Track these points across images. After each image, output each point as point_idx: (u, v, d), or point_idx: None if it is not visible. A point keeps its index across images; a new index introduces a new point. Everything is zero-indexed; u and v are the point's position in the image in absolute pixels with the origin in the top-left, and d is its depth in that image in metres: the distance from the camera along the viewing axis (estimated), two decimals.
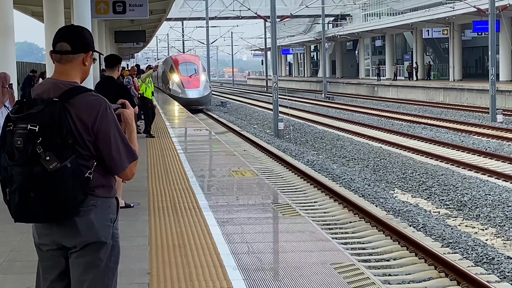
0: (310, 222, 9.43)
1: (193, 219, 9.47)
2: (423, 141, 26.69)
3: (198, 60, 51.56)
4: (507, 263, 10.66)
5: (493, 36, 35.02)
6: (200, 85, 47.62)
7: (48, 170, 3.60)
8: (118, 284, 4.01)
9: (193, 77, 47.97)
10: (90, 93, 3.79)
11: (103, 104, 3.77)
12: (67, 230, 3.75)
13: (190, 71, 48.75)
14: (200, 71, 49.03)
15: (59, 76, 3.85)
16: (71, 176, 3.63)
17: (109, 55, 11.58)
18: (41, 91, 3.80)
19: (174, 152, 17.17)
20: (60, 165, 3.61)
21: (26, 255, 7.30)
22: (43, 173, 3.60)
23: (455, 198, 15.97)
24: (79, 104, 3.72)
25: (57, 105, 3.66)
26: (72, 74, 3.85)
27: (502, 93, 41.65)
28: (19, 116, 3.67)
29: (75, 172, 3.65)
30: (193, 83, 47.46)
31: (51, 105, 3.66)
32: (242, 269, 7.11)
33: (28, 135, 3.61)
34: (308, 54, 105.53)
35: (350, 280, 6.74)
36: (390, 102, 53.41)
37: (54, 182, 3.61)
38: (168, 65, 51.79)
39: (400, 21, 64.15)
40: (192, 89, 47.07)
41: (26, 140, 3.61)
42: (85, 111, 3.72)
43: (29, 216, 3.70)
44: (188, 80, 47.60)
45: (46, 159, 3.60)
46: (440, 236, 12.46)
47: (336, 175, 19.43)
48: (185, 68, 48.99)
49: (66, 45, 3.83)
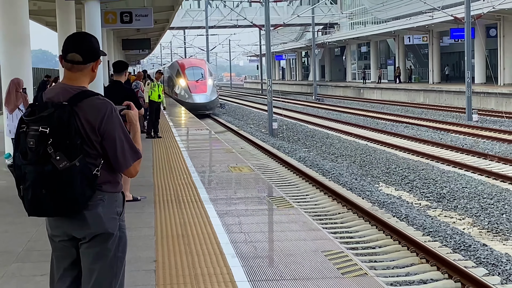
0: (302, 213, 9.42)
1: (195, 211, 9.46)
2: (405, 138, 26.70)
3: (205, 65, 47.18)
4: (482, 250, 10.66)
5: (468, 42, 35.05)
6: (207, 89, 43.51)
7: (58, 169, 3.58)
8: (126, 271, 3.99)
9: (200, 82, 43.86)
10: (97, 97, 3.77)
11: (108, 107, 3.76)
12: (77, 222, 3.74)
13: (197, 76, 44.55)
14: (207, 76, 44.76)
15: (68, 81, 3.83)
16: (80, 174, 3.62)
17: (117, 61, 11.55)
18: (51, 95, 3.78)
19: (177, 150, 17.15)
20: (70, 164, 3.59)
21: (43, 245, 7.27)
22: (53, 172, 3.58)
23: (435, 191, 15.97)
24: (86, 107, 3.70)
25: (66, 108, 3.65)
26: (81, 80, 3.84)
27: (477, 94, 41.68)
28: (32, 119, 3.66)
29: (83, 170, 3.64)
30: (200, 87, 43.41)
31: (60, 109, 3.64)
32: (241, 256, 7.09)
33: (39, 136, 3.60)
34: (300, 59, 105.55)
35: (339, 266, 6.72)
36: (375, 103, 53.41)
37: (64, 179, 3.59)
38: (175, 70, 47.63)
39: (384, 29, 64.22)
40: (199, 93, 42.98)
41: (38, 141, 3.60)
42: (92, 114, 3.70)
43: (40, 210, 3.69)
44: (195, 85, 43.52)
45: (57, 158, 3.58)
46: (421, 225, 12.46)
47: (325, 170, 19.43)
48: (192, 72, 44.84)
49: (78, 56, 3.80)
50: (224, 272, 6.54)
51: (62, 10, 20.85)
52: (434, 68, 59.62)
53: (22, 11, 13.70)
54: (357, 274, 6.46)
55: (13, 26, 13.65)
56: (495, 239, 11.87)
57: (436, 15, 48.87)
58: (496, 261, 10.06)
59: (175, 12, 36.67)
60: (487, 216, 13.32)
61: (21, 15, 13.69)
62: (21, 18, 13.70)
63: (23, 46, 13.71)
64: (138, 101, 11.01)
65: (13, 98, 11.46)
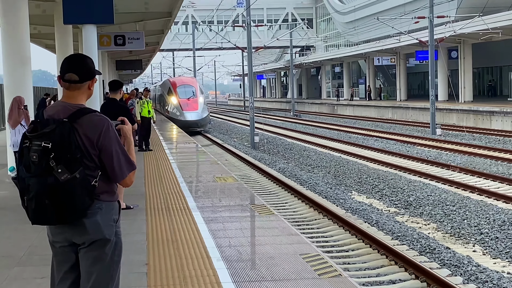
0: (282, 219, 9.42)
1: (184, 218, 9.44)
2: (376, 151, 26.79)
3: (196, 83, 44.83)
4: (446, 253, 10.70)
5: (432, 63, 35.30)
6: (198, 107, 41.13)
7: (60, 181, 3.59)
8: (120, 273, 3.98)
9: (191, 100, 41.51)
10: (94, 113, 3.78)
11: (105, 123, 3.76)
12: (77, 229, 3.74)
13: (189, 94, 42.19)
14: (198, 94, 42.39)
15: (67, 100, 3.83)
16: (80, 185, 3.63)
17: (113, 80, 11.54)
18: (52, 113, 3.78)
19: (167, 162, 17.11)
20: (71, 176, 3.60)
21: (43, 250, 7.23)
22: (56, 183, 3.59)
23: (403, 199, 16.03)
24: (85, 124, 3.71)
25: (67, 124, 3.66)
26: (79, 98, 3.84)
27: (440, 111, 41.92)
28: (34, 135, 3.66)
29: (83, 181, 3.64)
30: (192, 105, 41.06)
31: (61, 125, 3.65)
32: (226, 259, 7.08)
33: (42, 151, 3.60)
34: (279, 78, 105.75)
35: (316, 268, 6.73)
36: (348, 118, 53.56)
37: (65, 190, 3.60)
38: (166, 88, 45.07)
39: (355, 51, 64.49)
40: (190, 111, 40.60)
41: (40, 155, 3.60)
42: (91, 129, 3.71)
43: (44, 219, 3.68)
44: (186, 103, 41.17)
45: (58, 171, 3.59)
46: (390, 230, 12.49)
47: (303, 180, 19.44)
48: (184, 90, 42.47)
49: (75, 76, 3.81)
50: (211, 274, 6.53)
51: (60, 33, 20.80)
52: (401, 87, 59.92)
53: (24, 34, 13.67)
54: (332, 275, 6.47)
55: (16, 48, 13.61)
56: (457, 243, 11.93)
57: (403, 38, 49.19)
58: (458, 262, 10.11)
59: (164, 35, 36.65)
60: (450, 222, 13.38)
61: (23, 38, 13.66)
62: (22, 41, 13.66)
63: (24, 66, 13.67)
64: (132, 117, 11.00)
65: (16, 115, 11.41)
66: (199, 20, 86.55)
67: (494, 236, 11.99)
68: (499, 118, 35.58)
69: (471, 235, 12.25)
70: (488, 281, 9.09)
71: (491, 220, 12.97)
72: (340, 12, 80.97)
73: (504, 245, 11.38)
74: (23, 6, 13.48)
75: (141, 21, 27.39)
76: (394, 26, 46.22)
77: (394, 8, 64.04)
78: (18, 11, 13.36)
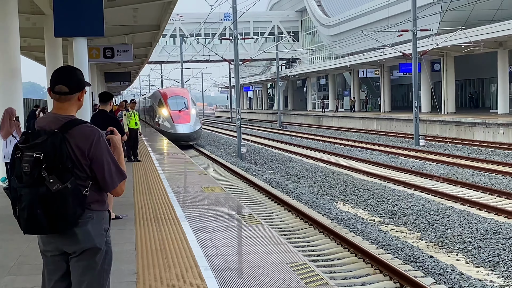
0: (269, 229, 9.43)
1: (172, 228, 9.43)
2: (360, 161, 26.85)
3: (188, 94, 41.49)
4: (430, 262, 10.74)
5: (415, 75, 35.47)
6: (190, 119, 37.89)
7: (52, 191, 3.58)
8: (110, 282, 3.98)
9: (183, 111, 38.35)
10: (85, 124, 3.78)
11: (96, 133, 3.76)
12: (68, 238, 3.73)
13: (180, 105, 38.91)
14: (190, 105, 39.13)
15: (58, 111, 3.82)
16: (71, 194, 3.62)
17: (103, 92, 11.53)
18: (43, 124, 3.77)
19: (155, 172, 17.09)
20: (62, 186, 3.60)
21: (33, 259, 7.21)
22: (47, 193, 3.58)
23: (387, 208, 16.06)
24: (76, 134, 3.71)
25: (58, 135, 3.65)
26: (69, 109, 3.83)
27: (424, 122, 42.11)
28: (26, 146, 3.65)
29: (74, 191, 3.63)
30: (183, 117, 37.88)
31: (53, 136, 3.64)
32: (214, 269, 7.08)
33: (34, 162, 3.59)
34: (265, 90, 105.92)
35: (302, 276, 6.74)
36: (333, 130, 53.68)
37: (57, 200, 3.59)
38: (156, 99, 41.57)
39: (340, 64, 64.75)
40: (182, 124, 37.45)
41: (32, 166, 3.59)
42: (82, 140, 3.71)
43: (36, 228, 3.67)
44: (178, 115, 38.02)
45: (50, 181, 3.58)
46: (375, 239, 12.52)
47: (289, 190, 19.45)
48: (175, 102, 39.17)
49: (64, 87, 3.80)
50: (199, 283, 6.52)
51: (50, 46, 20.77)
52: (385, 99, 60.18)
53: (14, 47, 13.64)
54: (318, 284, 6.48)
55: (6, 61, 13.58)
56: (441, 252, 11.97)
57: (387, 51, 49.43)
58: (442, 271, 10.14)
59: (152, 48, 36.72)
60: (433, 231, 13.42)
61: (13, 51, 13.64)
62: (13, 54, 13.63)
63: (15, 79, 13.64)
64: (122, 128, 10.99)
65: (7, 126, 11.38)
66: (186, 33, 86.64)
67: (477, 245, 12.04)
68: (481, 129, 35.79)
69: (455, 244, 12.30)
70: None
71: (474, 229, 13.03)
72: (325, 26, 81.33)
73: (487, 254, 11.43)
74: (13, 19, 13.47)
75: (130, 34, 27.44)
76: (378, 39, 46.43)
77: (378, 21, 64.44)
78: (9, 24, 13.35)
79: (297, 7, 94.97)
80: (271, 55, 75.97)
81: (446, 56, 48.49)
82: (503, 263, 10.86)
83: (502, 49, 42.07)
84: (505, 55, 42.28)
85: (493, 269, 10.64)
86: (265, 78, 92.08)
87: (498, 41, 40.82)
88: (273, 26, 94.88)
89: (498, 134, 34.10)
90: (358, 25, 67.69)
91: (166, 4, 22.12)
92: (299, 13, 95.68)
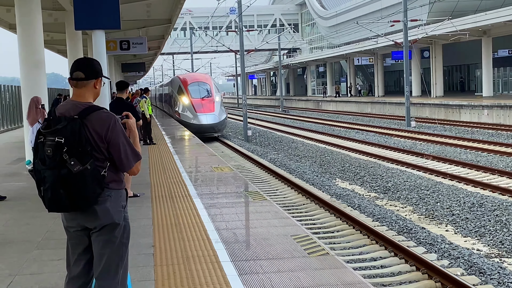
0: (273, 204, 9.42)
1: (185, 204, 9.43)
2: (357, 142, 26.81)
3: (210, 80, 34.25)
4: (421, 233, 10.73)
5: (406, 62, 35.32)
6: (214, 108, 31.17)
7: (73, 172, 3.58)
8: (130, 255, 3.97)
9: (206, 99, 31.59)
10: (102, 110, 3.77)
11: (112, 118, 3.75)
12: (89, 215, 3.73)
13: (203, 93, 32.07)
14: (213, 92, 32.20)
15: (76, 98, 3.81)
16: (91, 175, 3.61)
17: (120, 81, 11.50)
18: (63, 111, 3.76)
19: (169, 154, 17.08)
20: (82, 167, 3.58)
21: (59, 235, 7.21)
22: (69, 174, 3.57)
23: (382, 184, 16.05)
24: (94, 120, 3.69)
25: (77, 121, 3.64)
26: (86, 96, 3.82)
27: (414, 105, 41.98)
28: (48, 131, 3.64)
29: (93, 172, 3.62)
30: (207, 106, 31.20)
31: (72, 122, 3.63)
32: (224, 241, 7.07)
33: (56, 146, 3.58)
34: (269, 78, 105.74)
35: (305, 247, 6.73)
36: (331, 113, 53.60)
37: (78, 181, 3.58)
38: (176, 86, 34.56)
39: (337, 53, 64.50)
40: (206, 113, 30.78)
41: (54, 150, 3.58)
42: (99, 125, 3.69)
43: (59, 207, 3.67)
44: (200, 103, 31.34)
45: (71, 163, 3.57)
46: (371, 213, 12.52)
47: (292, 169, 19.45)
48: (197, 89, 32.33)
49: (81, 73, 3.80)
50: (211, 254, 6.52)
51: (71, 39, 20.71)
52: (379, 84, 59.95)
53: (38, 41, 13.60)
54: (320, 254, 6.48)
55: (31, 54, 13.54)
56: (431, 223, 11.96)
57: (380, 40, 49.22)
58: (433, 241, 10.14)
59: (165, 40, 36.55)
60: (424, 205, 13.41)
61: (37, 44, 13.59)
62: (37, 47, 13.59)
63: (39, 70, 13.60)
64: (137, 113, 10.98)
65: (33, 113, 11.34)
66: (196, 26, 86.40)
67: (464, 217, 12.02)
68: (467, 111, 35.65)
69: (444, 216, 12.28)
70: (460, 257, 9.11)
71: (462, 203, 13.01)
72: (323, 17, 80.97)
73: (474, 225, 11.41)
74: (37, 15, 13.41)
75: (144, 28, 27.32)
76: (372, 29, 46.21)
77: (372, 13, 64.09)
78: (33, 20, 13.30)
79: (297, 1, 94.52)
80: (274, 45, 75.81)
81: (435, 44, 48.24)
82: (489, 233, 10.84)
83: (486, 37, 41.84)
84: (489, 42, 42.06)
85: (480, 239, 10.63)
86: (268, 66, 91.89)
87: (482, 30, 40.59)
88: (275, 18, 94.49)
89: (482, 115, 33.98)
90: (353, 16, 67.39)
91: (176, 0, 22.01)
92: (299, 7, 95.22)
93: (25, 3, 13.24)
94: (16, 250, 7.03)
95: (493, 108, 33.09)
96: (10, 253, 6.89)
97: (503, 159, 19.36)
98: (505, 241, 10.21)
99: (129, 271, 4.06)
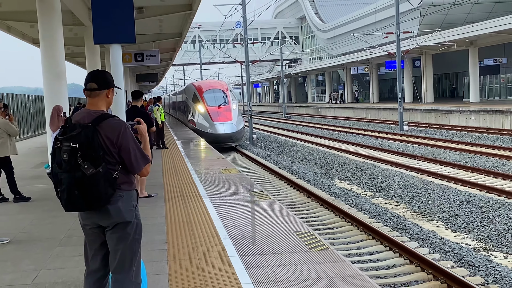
0: (277, 203, 9.41)
1: (196, 204, 9.43)
2: (354, 145, 26.78)
3: (226, 86, 30.25)
4: (414, 228, 10.71)
5: (399, 71, 35.28)
6: (232, 117, 27.69)
7: (87, 175, 3.59)
8: (145, 251, 4.00)
9: (223, 107, 28.10)
10: (113, 118, 3.79)
11: (122, 125, 3.77)
12: (102, 214, 3.74)
13: (219, 100, 28.55)
14: (230, 100, 28.76)
15: (90, 107, 3.84)
16: (103, 177, 3.63)
17: (134, 90, 11.54)
18: (78, 118, 3.79)
19: (180, 158, 17.09)
20: (95, 170, 3.60)
21: (79, 232, 7.15)
22: (83, 177, 3.59)
23: (377, 184, 16.02)
24: (106, 127, 3.71)
25: (90, 128, 3.66)
26: (99, 104, 3.84)
27: (407, 110, 41.89)
28: (64, 137, 3.67)
29: (106, 174, 3.64)
30: (224, 114, 27.71)
31: (86, 129, 3.65)
32: (232, 237, 7.07)
33: (71, 151, 3.60)
34: (272, 86, 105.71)
35: (307, 242, 6.73)
36: (330, 118, 53.53)
37: (91, 182, 3.60)
38: (191, 94, 30.94)
39: (335, 63, 64.46)
40: (222, 122, 27.26)
41: (70, 154, 3.60)
42: (110, 131, 3.71)
43: (74, 207, 3.69)
44: (217, 111, 27.87)
45: (85, 167, 3.59)
46: (367, 210, 12.50)
47: (294, 170, 19.43)
48: (213, 96, 28.78)
49: (94, 84, 3.82)
50: (220, 249, 6.52)
51: (90, 52, 20.75)
52: (374, 91, 59.88)
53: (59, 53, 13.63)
54: (320, 249, 6.47)
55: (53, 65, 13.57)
56: (423, 220, 11.94)
57: (375, 51, 49.19)
58: (425, 236, 10.11)
59: (176, 53, 36.62)
60: (417, 203, 13.39)
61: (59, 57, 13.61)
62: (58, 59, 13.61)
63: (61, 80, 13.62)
64: (150, 120, 11.00)
65: (56, 121, 11.38)
66: (204, 39, 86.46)
67: (454, 213, 12.00)
68: (456, 116, 35.58)
69: (435, 213, 12.26)
70: (450, 251, 9.09)
71: (451, 200, 12.98)
72: (322, 30, 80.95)
73: (463, 221, 11.39)
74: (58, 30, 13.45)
75: (157, 41, 27.38)
76: (367, 41, 46.17)
77: (367, 26, 64.07)
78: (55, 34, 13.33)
79: (298, 15, 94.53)
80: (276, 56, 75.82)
81: (425, 54, 48.19)
82: (477, 228, 10.81)
83: (473, 47, 41.77)
84: (475, 52, 41.99)
85: (468, 234, 10.60)
86: (271, 76, 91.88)
87: (469, 40, 40.53)
88: (277, 31, 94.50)
89: (470, 120, 33.90)
90: (350, 29, 67.37)
91: (186, 15, 22.05)
92: (299, 20, 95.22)
93: (48, 19, 13.28)
94: (40, 247, 7.05)
95: (479, 113, 33.01)
96: (35, 250, 6.91)
97: (489, 160, 19.31)
98: (492, 236, 10.19)
99: (144, 265, 4.06)
